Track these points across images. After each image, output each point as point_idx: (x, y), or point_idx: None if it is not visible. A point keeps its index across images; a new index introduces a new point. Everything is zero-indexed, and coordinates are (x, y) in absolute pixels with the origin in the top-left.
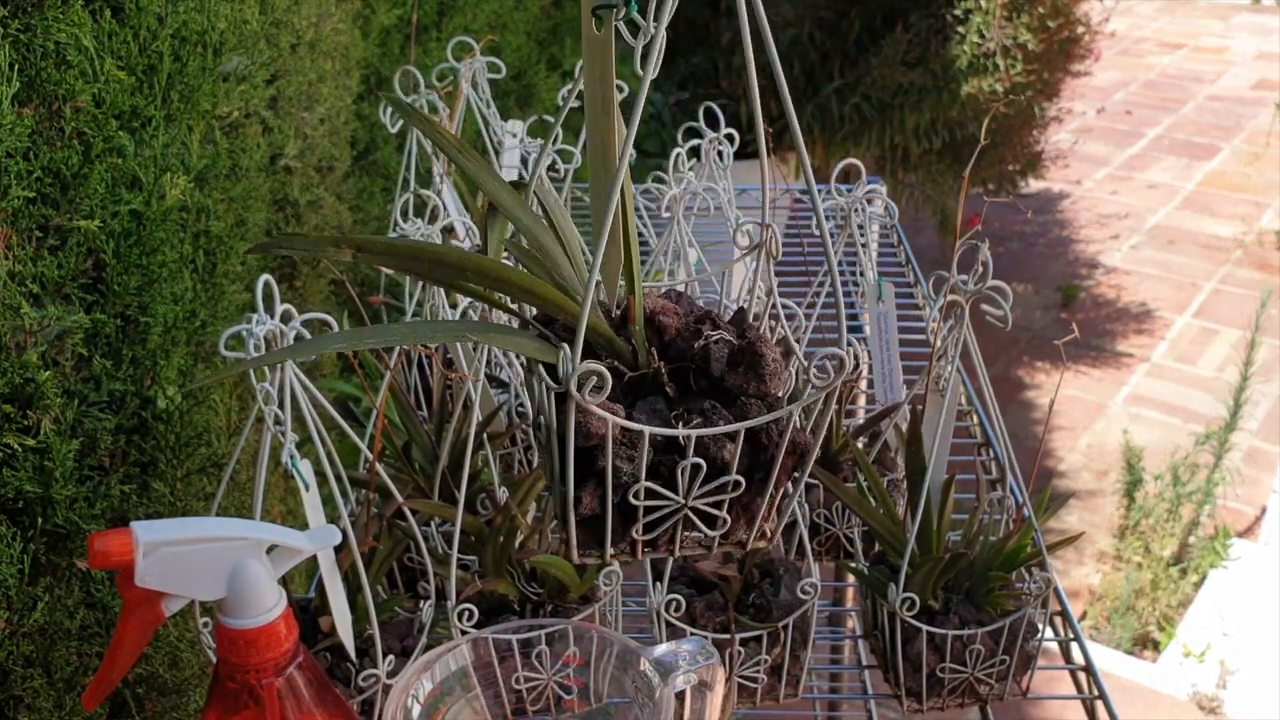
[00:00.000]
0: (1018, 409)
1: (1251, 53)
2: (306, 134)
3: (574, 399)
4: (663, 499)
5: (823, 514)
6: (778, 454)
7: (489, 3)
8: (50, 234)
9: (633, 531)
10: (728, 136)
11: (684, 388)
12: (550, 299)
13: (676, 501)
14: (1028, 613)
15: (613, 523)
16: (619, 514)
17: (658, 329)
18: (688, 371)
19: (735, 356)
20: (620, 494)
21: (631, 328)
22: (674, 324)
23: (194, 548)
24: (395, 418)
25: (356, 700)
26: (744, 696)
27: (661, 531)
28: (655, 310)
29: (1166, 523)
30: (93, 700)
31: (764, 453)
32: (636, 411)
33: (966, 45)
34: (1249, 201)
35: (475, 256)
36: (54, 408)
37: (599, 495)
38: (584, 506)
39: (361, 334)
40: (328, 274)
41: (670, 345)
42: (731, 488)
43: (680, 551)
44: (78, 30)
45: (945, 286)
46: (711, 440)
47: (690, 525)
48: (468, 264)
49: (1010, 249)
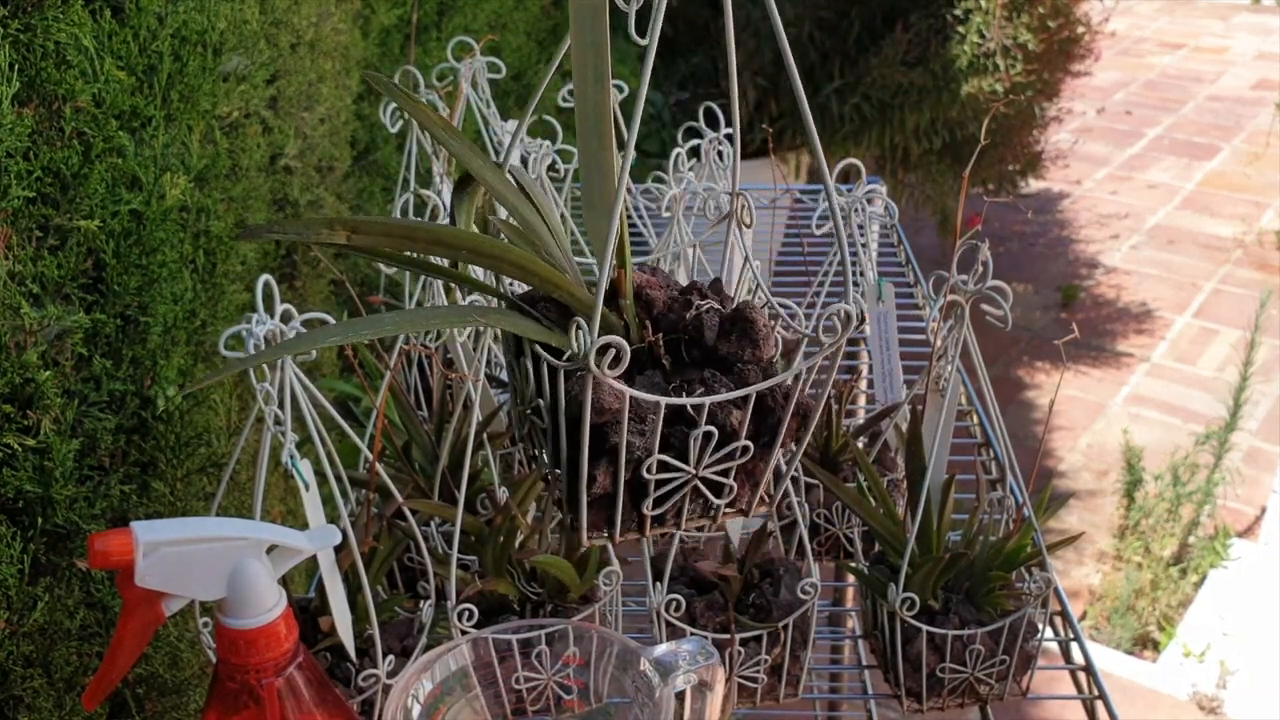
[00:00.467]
0: (1018, 409)
1: (1251, 53)
2: (306, 134)
3: (592, 373)
4: (674, 471)
5: (823, 514)
6: (784, 416)
7: (489, 3)
8: (50, 234)
9: (643, 507)
10: (728, 136)
11: (676, 359)
12: (547, 276)
13: (688, 472)
14: (1028, 613)
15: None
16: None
17: (646, 302)
18: (679, 343)
19: (726, 324)
20: (631, 469)
21: (622, 302)
22: (661, 296)
23: (194, 548)
24: (395, 418)
25: (356, 700)
26: (744, 696)
27: (669, 506)
28: (641, 284)
29: (1166, 523)
30: (93, 700)
31: (770, 416)
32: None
33: (966, 45)
34: (1249, 201)
35: (472, 235)
36: (54, 408)
37: (612, 473)
38: (598, 485)
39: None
40: (328, 274)
41: (660, 318)
42: (740, 453)
43: (685, 524)
44: (78, 30)
45: (945, 286)
46: (718, 408)
47: (698, 496)
48: (463, 243)
49: (1010, 249)
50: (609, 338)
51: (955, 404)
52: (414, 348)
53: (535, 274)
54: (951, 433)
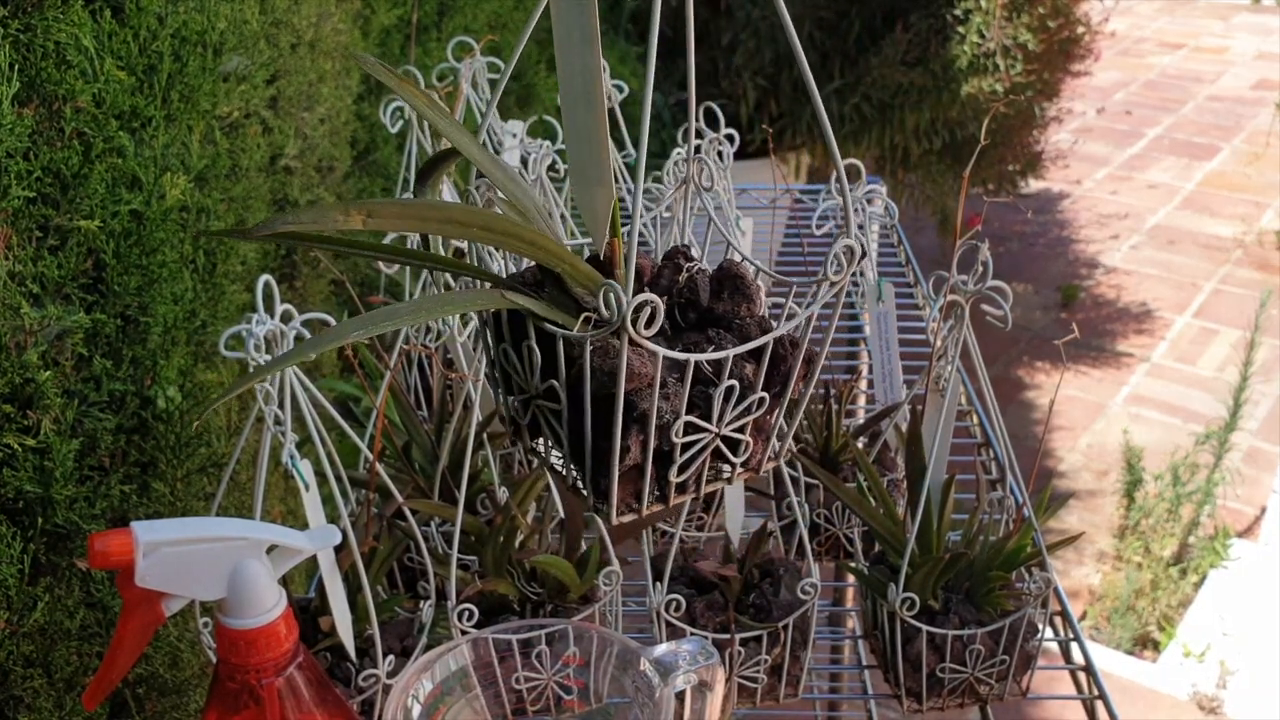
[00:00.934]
0: (1018, 409)
1: (1251, 53)
2: (306, 134)
3: (629, 335)
4: (699, 432)
5: (823, 514)
6: (794, 364)
7: (489, 3)
8: (50, 234)
9: (669, 474)
10: (727, 136)
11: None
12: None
13: (711, 431)
14: (1028, 613)
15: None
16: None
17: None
18: (673, 308)
19: (716, 284)
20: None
21: (616, 272)
22: (648, 264)
23: (194, 548)
24: (395, 418)
25: (356, 700)
26: (744, 696)
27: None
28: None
29: (1166, 523)
30: (93, 700)
31: (781, 365)
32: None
33: (966, 45)
34: (1249, 201)
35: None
36: (54, 408)
37: (642, 441)
38: (630, 456)
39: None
40: (328, 274)
41: (651, 285)
42: (757, 405)
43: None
44: (78, 30)
45: (945, 286)
46: (734, 363)
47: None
48: (475, 220)
49: (1010, 249)
50: (645, 295)
51: (955, 404)
52: (414, 348)
53: (545, 249)
54: (951, 433)
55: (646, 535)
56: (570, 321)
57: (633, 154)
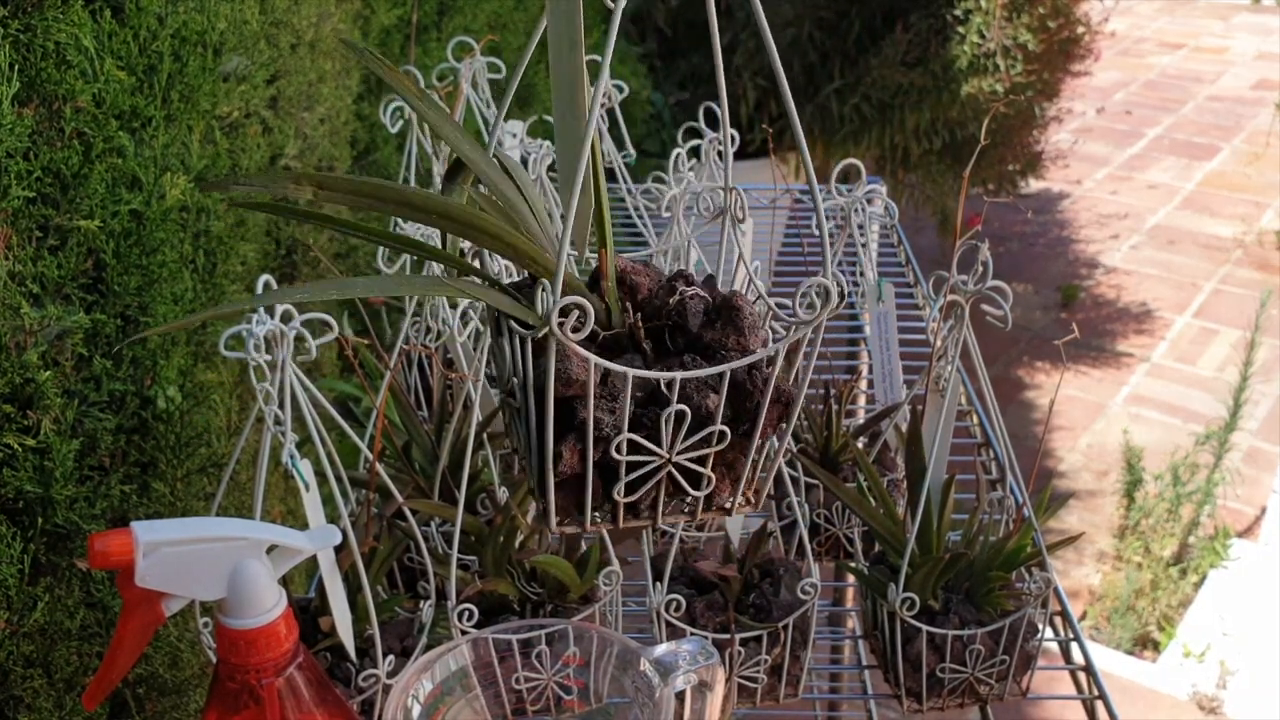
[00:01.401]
0: (1018, 409)
1: (1251, 53)
2: (306, 134)
3: (555, 336)
4: (646, 454)
5: (823, 514)
6: (763, 401)
7: (489, 3)
8: (50, 234)
9: (614, 493)
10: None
11: (660, 348)
12: (520, 246)
13: (660, 455)
14: (1028, 613)
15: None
16: (599, 474)
17: (630, 288)
18: (662, 331)
19: (712, 312)
20: (601, 449)
21: (604, 284)
22: (646, 283)
23: (194, 548)
24: (395, 418)
25: (356, 700)
26: (744, 696)
27: (644, 494)
28: (625, 270)
29: (1166, 523)
30: (93, 700)
31: (749, 401)
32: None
33: (966, 45)
34: (1249, 201)
35: (442, 199)
36: (54, 408)
37: (579, 451)
38: (564, 464)
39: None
40: (328, 275)
41: (644, 305)
42: (716, 439)
43: (664, 517)
44: (78, 30)
45: (945, 286)
46: (695, 389)
47: (674, 486)
48: (433, 206)
49: (1010, 249)
50: (572, 298)
51: (955, 404)
52: (414, 348)
53: (506, 242)
54: (951, 433)
55: (647, 535)
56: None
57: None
